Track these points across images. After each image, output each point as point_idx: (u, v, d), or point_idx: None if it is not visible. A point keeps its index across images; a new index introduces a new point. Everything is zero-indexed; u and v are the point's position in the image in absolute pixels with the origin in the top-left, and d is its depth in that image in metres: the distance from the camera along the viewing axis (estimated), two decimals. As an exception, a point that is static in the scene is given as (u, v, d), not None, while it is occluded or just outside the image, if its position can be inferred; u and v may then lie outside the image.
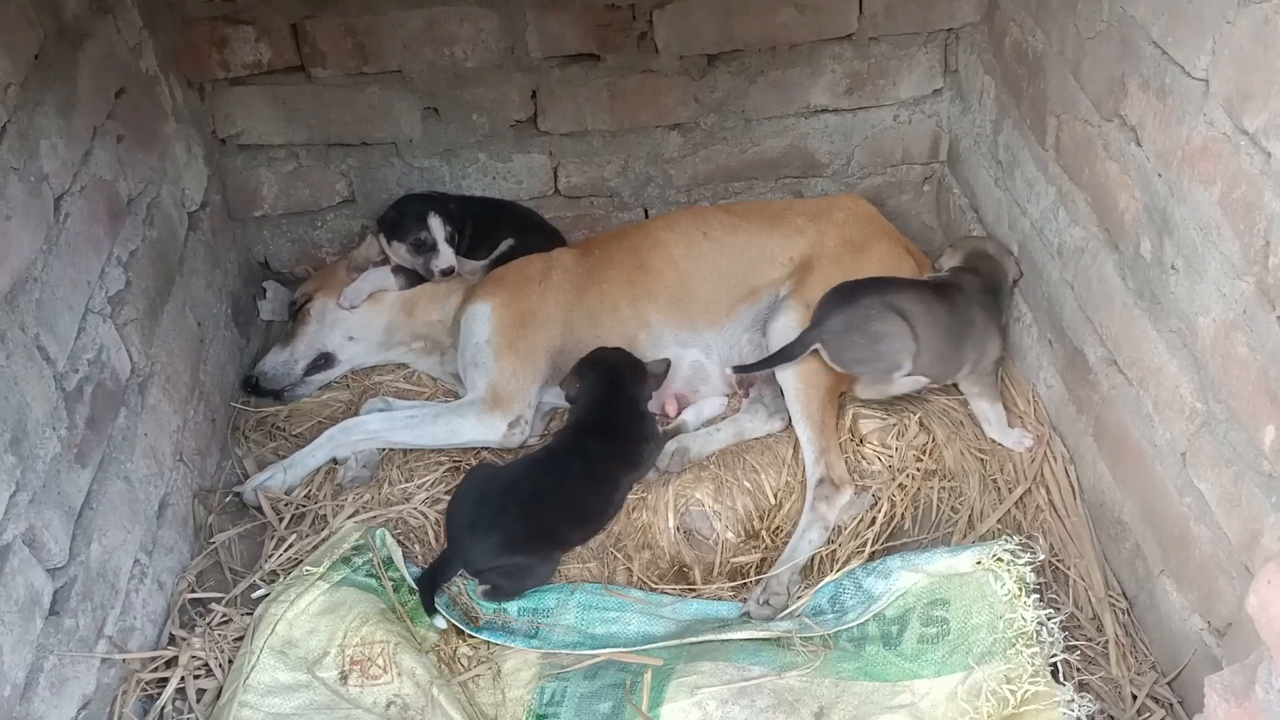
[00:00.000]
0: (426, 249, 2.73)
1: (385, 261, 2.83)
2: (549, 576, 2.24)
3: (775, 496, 2.45)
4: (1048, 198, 2.38)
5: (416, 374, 2.90)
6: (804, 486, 2.42)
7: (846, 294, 2.32)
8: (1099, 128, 2.09)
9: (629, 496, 2.42)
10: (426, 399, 2.84)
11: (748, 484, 2.47)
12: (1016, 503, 2.30)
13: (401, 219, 2.74)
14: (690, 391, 2.67)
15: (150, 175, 2.37)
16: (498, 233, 2.91)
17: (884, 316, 2.25)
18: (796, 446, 2.49)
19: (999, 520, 2.29)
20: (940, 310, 2.29)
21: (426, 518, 2.41)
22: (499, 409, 2.53)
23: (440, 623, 2.07)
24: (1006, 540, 2.06)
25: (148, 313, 2.23)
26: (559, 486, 2.26)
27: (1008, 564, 1.99)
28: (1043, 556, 2.08)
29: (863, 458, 2.49)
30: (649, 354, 2.69)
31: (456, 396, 2.83)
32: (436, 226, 2.72)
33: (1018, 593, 1.95)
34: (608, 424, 2.37)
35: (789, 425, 2.54)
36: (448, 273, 2.79)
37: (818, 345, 2.30)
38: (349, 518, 2.37)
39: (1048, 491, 2.31)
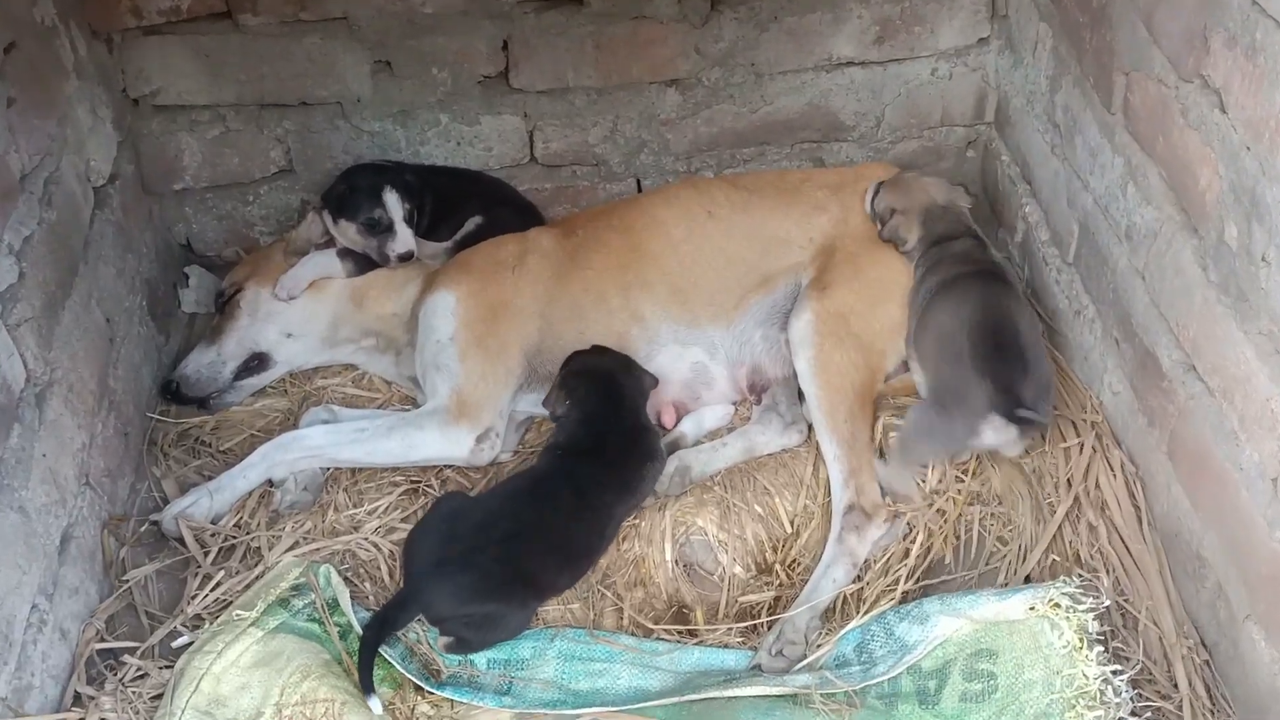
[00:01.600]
0: (380, 230, 2.73)
1: (330, 244, 2.84)
2: (523, 627, 2.24)
3: (792, 524, 2.45)
4: (1114, 170, 2.38)
5: (367, 377, 2.91)
6: (827, 513, 2.42)
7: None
8: (1176, 89, 2.06)
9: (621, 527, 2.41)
10: (379, 407, 2.84)
11: (759, 509, 2.47)
12: (1074, 530, 2.30)
13: (350, 194, 2.74)
14: (691, 398, 2.67)
15: (48, 145, 2.35)
16: (463, 209, 2.91)
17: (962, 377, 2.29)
18: (819, 463, 2.50)
19: (1050, 548, 2.33)
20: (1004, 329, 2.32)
21: (379, 550, 2.41)
22: (465, 419, 2.53)
23: (376, 707, 1.99)
24: (1065, 582, 2.05)
25: (46, 310, 2.22)
26: (543, 521, 2.25)
27: (1067, 610, 1.99)
28: (1107, 602, 2.07)
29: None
30: (643, 354, 2.69)
31: (415, 404, 2.85)
32: (392, 203, 2.72)
33: (1078, 645, 1.94)
34: (604, 443, 2.39)
35: (810, 438, 2.56)
36: (405, 258, 2.77)
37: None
38: (287, 551, 2.37)
39: (1105, 513, 2.32)
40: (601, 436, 2.40)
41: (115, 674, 2.10)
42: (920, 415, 2.34)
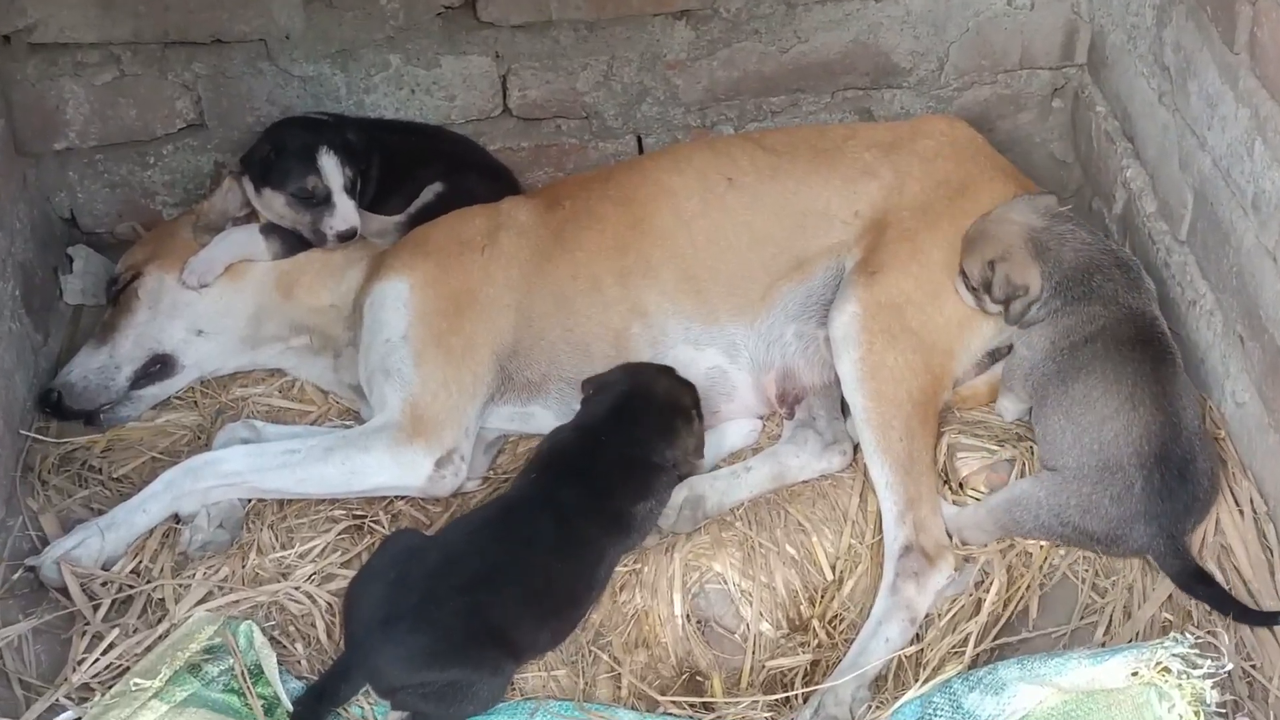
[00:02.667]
0: (315, 202, 2.76)
1: (251, 217, 2.88)
2: (496, 700, 2.24)
3: (834, 569, 2.49)
4: (1238, 124, 2.38)
5: (298, 385, 2.94)
6: (878, 555, 2.45)
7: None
8: (1317, 22, 2.09)
9: (617, 569, 2.45)
10: (313, 423, 2.87)
11: (792, 550, 2.50)
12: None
13: (278, 157, 2.76)
14: (707, 413, 2.68)
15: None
16: (419, 174, 2.95)
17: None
18: (868, 493, 2.53)
19: (1164, 604, 2.34)
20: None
21: (314, 603, 2.43)
22: (421, 438, 2.56)
23: None
24: (1176, 641, 2.05)
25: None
26: (518, 561, 2.29)
27: (1179, 676, 1.98)
28: (1229, 666, 2.05)
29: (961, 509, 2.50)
30: (646, 357, 2.72)
31: (358, 419, 2.85)
32: (330, 168, 2.75)
33: (1193, 718, 1.95)
34: (592, 465, 2.42)
35: (856, 461, 2.59)
36: (346, 237, 2.79)
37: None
38: (198, 604, 2.38)
39: (1230, 557, 2.34)
40: (592, 454, 2.44)
41: (-17, 757, 2.14)
42: (1034, 494, 2.39)
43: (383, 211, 2.92)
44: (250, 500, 2.62)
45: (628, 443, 2.47)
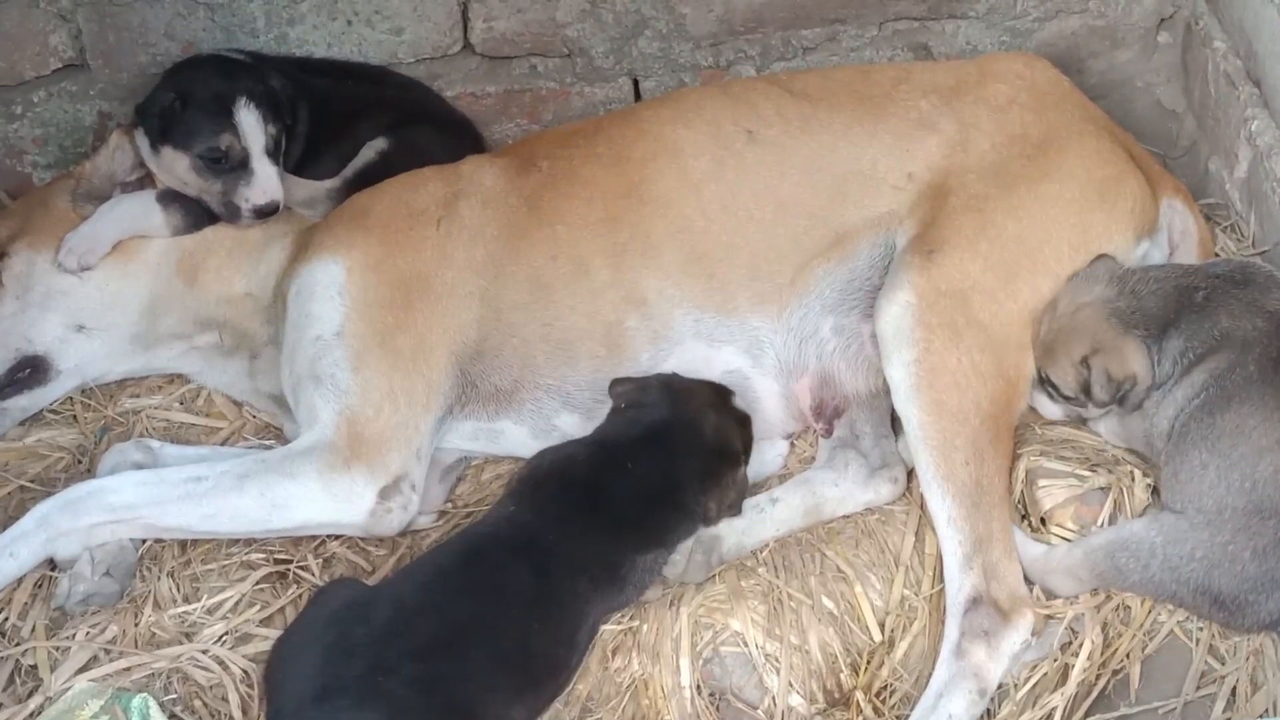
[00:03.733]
0: (229, 165, 2.78)
1: (146, 183, 2.90)
2: (460, 793, 2.25)
3: (883, 628, 2.51)
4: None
5: (205, 395, 2.99)
6: (938, 609, 2.47)
7: None
8: None
9: (605, 627, 2.48)
10: (224, 443, 2.92)
11: (830, 604, 2.51)
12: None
13: (184, 108, 2.77)
14: (720, 429, 2.63)
15: None
16: (358, 128, 3.01)
17: None
18: (925, 531, 2.55)
19: None
20: None
21: (227, 670, 2.44)
22: (361, 463, 2.60)
23: None
24: (1317, 719, 2.04)
25: None
26: (487, 621, 2.31)
27: (1320, 766, 1.97)
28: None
29: None
30: (645, 357, 2.75)
31: (281, 438, 2.88)
32: (250, 124, 2.77)
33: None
34: (601, 500, 2.47)
35: (911, 490, 2.63)
36: (267, 212, 2.83)
37: None
38: (79, 673, 2.39)
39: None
40: (606, 486, 2.49)
41: None
42: (1147, 539, 2.38)
43: (313, 175, 2.95)
44: (145, 541, 2.63)
45: (659, 483, 2.52)
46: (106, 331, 2.91)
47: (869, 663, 2.50)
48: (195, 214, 2.89)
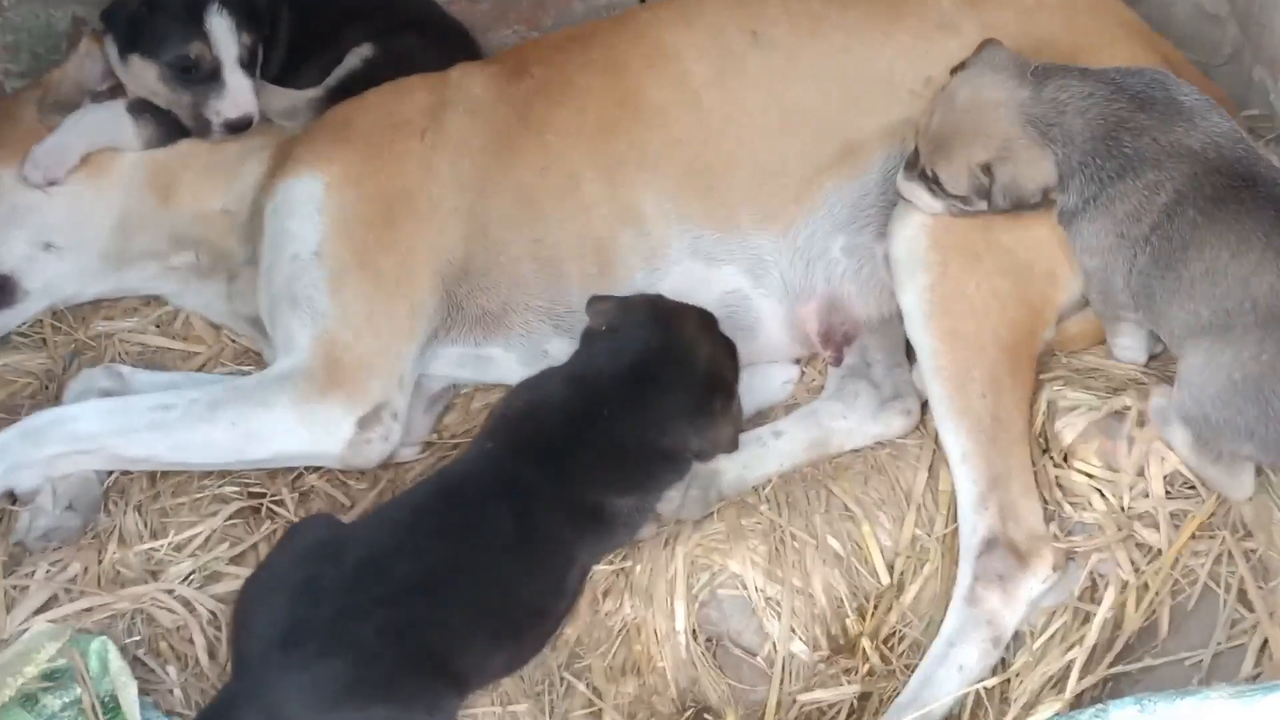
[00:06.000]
0: (199, 76, 2.74)
1: (117, 93, 2.85)
2: (434, 746, 2.22)
3: (892, 570, 2.47)
4: None
5: (182, 317, 2.96)
6: (951, 551, 2.44)
7: None
8: None
9: (596, 567, 2.46)
10: (201, 369, 2.90)
11: (836, 544, 2.48)
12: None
13: (151, 12, 2.72)
14: (723, 353, 2.61)
15: None
16: (342, 33, 2.95)
17: None
18: (939, 466, 2.53)
19: None
20: None
21: (193, 612, 2.41)
22: (340, 390, 2.56)
23: None
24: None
25: None
26: (465, 564, 2.28)
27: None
28: None
29: (1065, 490, 2.47)
30: (639, 276, 2.71)
31: (260, 363, 2.86)
32: (222, 32, 2.71)
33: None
34: (578, 441, 2.43)
35: (924, 423, 2.60)
36: (239, 127, 2.77)
37: None
38: (37, 614, 2.37)
39: None
40: (581, 425, 2.43)
41: None
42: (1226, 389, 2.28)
43: (293, 84, 2.90)
44: (111, 473, 2.60)
45: (641, 422, 2.45)
46: (76, 250, 2.87)
47: (876, 607, 2.47)
48: (168, 126, 2.83)
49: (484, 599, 2.30)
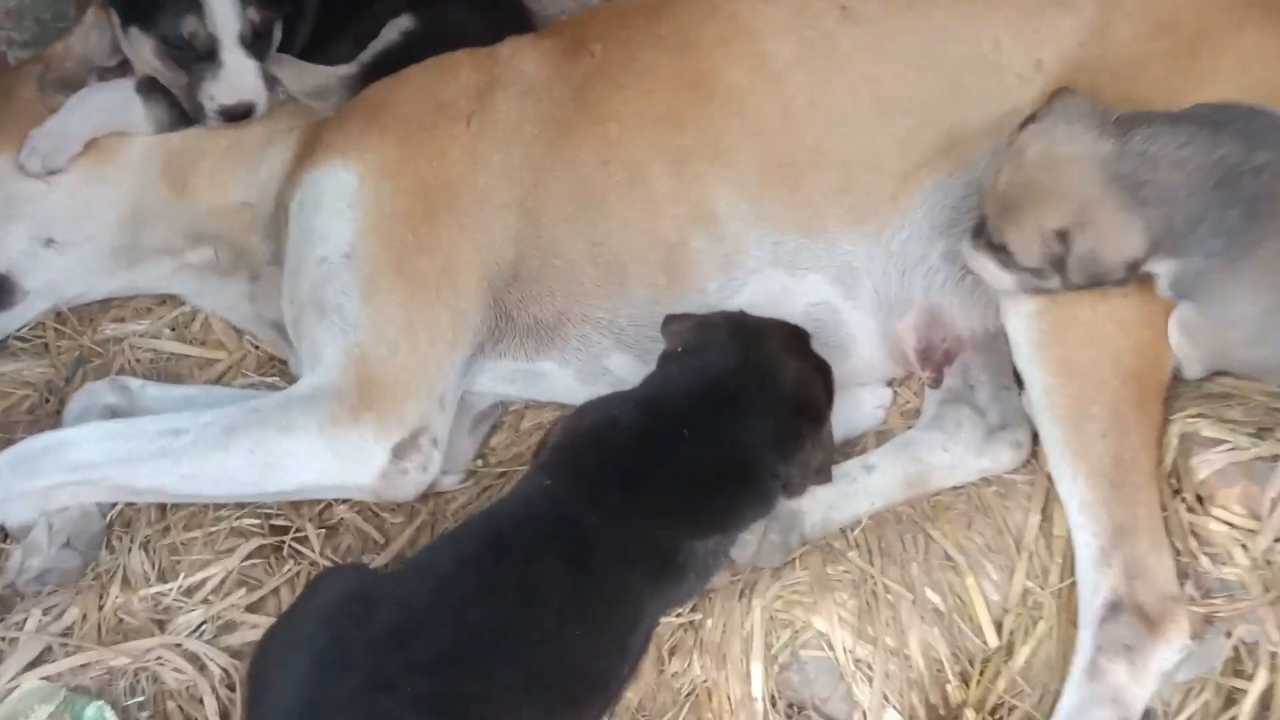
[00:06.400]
0: (195, 55, 2.63)
1: (124, 69, 2.76)
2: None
3: (1000, 629, 2.33)
4: None
5: (201, 320, 2.89)
6: (1070, 608, 2.30)
7: None
8: None
9: (662, 620, 2.33)
10: (221, 379, 2.82)
11: (936, 597, 2.35)
12: None
13: None
14: (806, 375, 2.51)
15: None
16: (379, 2, 2.89)
17: None
18: (1054, 507, 2.39)
19: None
20: None
21: (204, 670, 2.27)
22: (372, 413, 2.44)
23: None
24: None
25: None
26: (515, 625, 2.12)
27: None
28: None
29: (1201, 539, 2.28)
30: (714, 287, 2.59)
31: (287, 373, 2.80)
32: (220, 4, 2.59)
33: None
34: (654, 470, 2.28)
35: (1036, 458, 2.49)
36: (237, 114, 2.68)
37: None
38: (28, 669, 2.25)
39: None
40: (659, 452, 2.28)
41: None
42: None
43: (323, 59, 2.82)
44: (115, 505, 2.50)
45: (724, 448, 2.30)
46: (80, 246, 2.79)
47: (982, 673, 2.31)
48: (182, 108, 2.73)
49: (536, 665, 2.12)
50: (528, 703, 2.11)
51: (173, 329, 2.84)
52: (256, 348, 2.85)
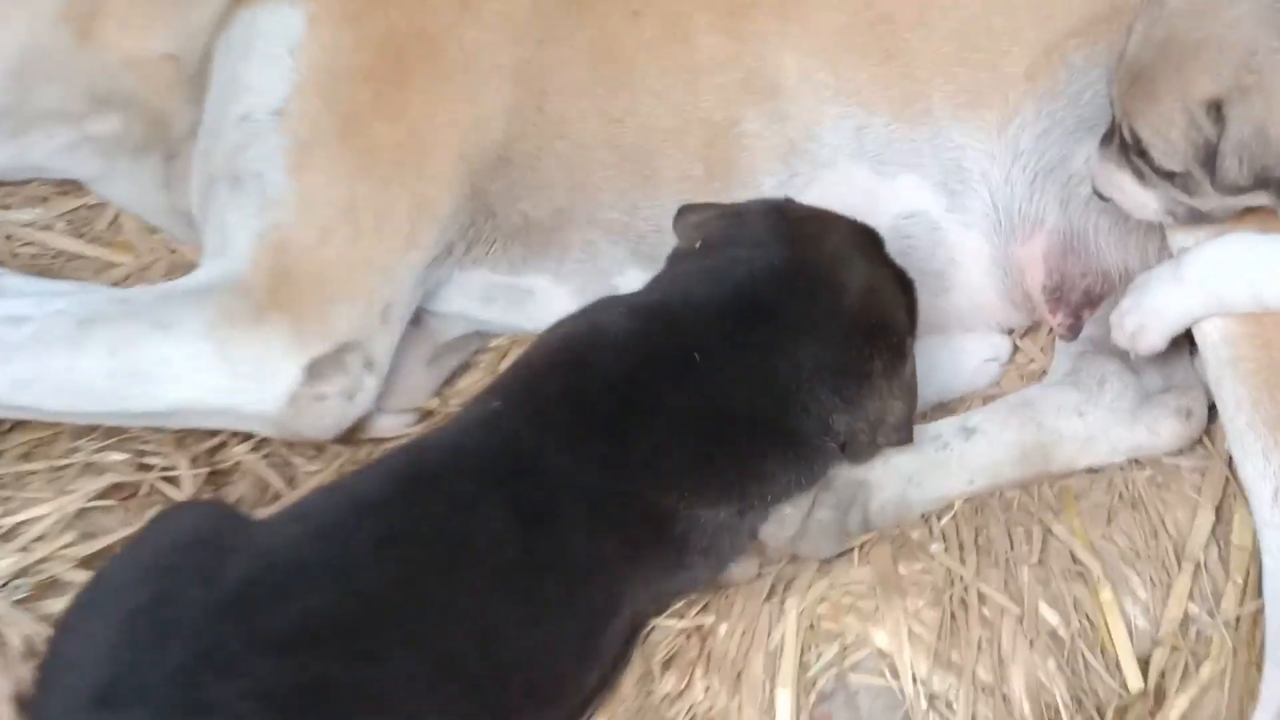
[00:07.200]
0: None
1: None
2: None
3: (1145, 666, 1.98)
4: None
5: (108, 216, 2.61)
6: (1249, 645, 1.99)
7: None
8: None
9: (664, 620, 2.02)
10: (118, 285, 2.53)
11: (1053, 617, 2.01)
12: None
13: None
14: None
15: None
16: None
17: None
18: (1228, 506, 2.11)
19: None
20: None
21: (2, 643, 1.98)
22: (284, 313, 2.14)
23: None
24: None
25: None
26: (426, 596, 1.78)
27: None
28: None
29: None
30: (766, 184, 2.25)
31: None
32: None
33: None
34: (639, 396, 1.93)
35: (1210, 436, 2.21)
36: None
37: None
38: None
39: None
40: (645, 373, 1.92)
41: None
42: None
43: None
44: None
45: (752, 380, 1.95)
46: None
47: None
48: None
49: (453, 656, 1.74)
50: (434, 707, 1.71)
51: (70, 222, 2.57)
52: (174, 251, 2.54)
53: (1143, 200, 1.97)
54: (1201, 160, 1.88)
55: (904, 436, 2.01)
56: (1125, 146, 1.95)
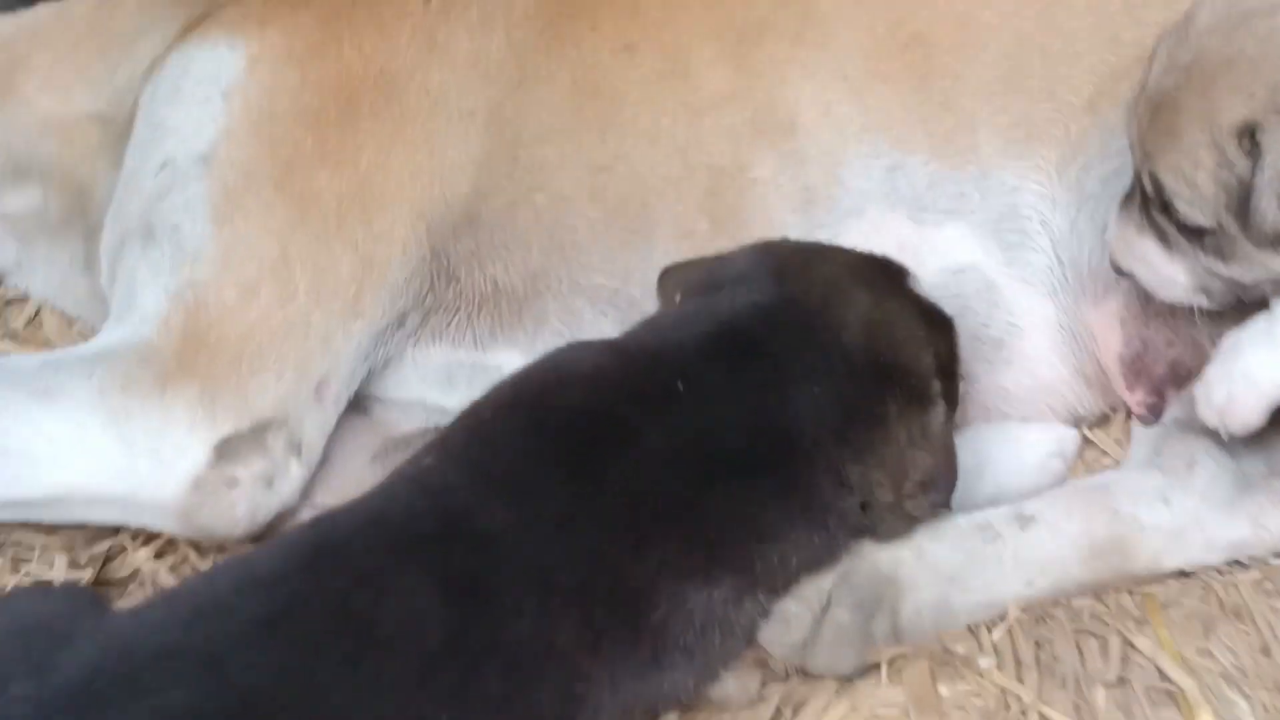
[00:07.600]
0: None
1: None
2: None
3: None
4: None
5: (27, 310, 2.48)
6: None
7: None
8: None
9: None
10: None
11: None
12: None
13: None
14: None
15: None
16: None
17: None
18: None
19: None
20: None
21: None
22: (192, 381, 1.95)
23: None
24: None
25: None
26: (329, 696, 1.53)
27: None
28: None
29: None
30: (781, 225, 2.08)
31: None
32: None
33: None
34: (612, 442, 1.71)
35: None
36: None
37: None
38: None
39: None
40: (608, 431, 1.70)
41: None
42: None
43: None
44: None
45: (747, 423, 1.74)
46: None
47: None
48: None
49: None
50: None
51: (-14, 319, 2.51)
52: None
53: (1169, 274, 1.80)
54: (1234, 208, 1.70)
55: (937, 500, 1.75)
56: (1147, 202, 1.78)
